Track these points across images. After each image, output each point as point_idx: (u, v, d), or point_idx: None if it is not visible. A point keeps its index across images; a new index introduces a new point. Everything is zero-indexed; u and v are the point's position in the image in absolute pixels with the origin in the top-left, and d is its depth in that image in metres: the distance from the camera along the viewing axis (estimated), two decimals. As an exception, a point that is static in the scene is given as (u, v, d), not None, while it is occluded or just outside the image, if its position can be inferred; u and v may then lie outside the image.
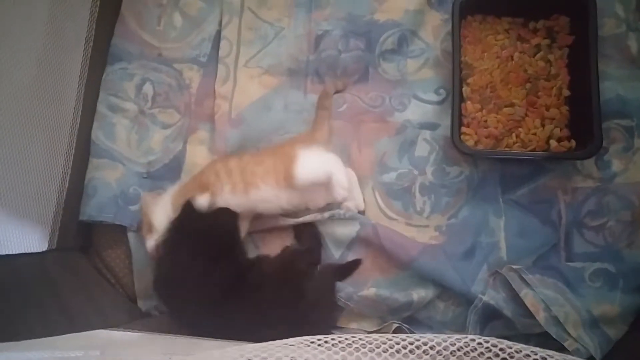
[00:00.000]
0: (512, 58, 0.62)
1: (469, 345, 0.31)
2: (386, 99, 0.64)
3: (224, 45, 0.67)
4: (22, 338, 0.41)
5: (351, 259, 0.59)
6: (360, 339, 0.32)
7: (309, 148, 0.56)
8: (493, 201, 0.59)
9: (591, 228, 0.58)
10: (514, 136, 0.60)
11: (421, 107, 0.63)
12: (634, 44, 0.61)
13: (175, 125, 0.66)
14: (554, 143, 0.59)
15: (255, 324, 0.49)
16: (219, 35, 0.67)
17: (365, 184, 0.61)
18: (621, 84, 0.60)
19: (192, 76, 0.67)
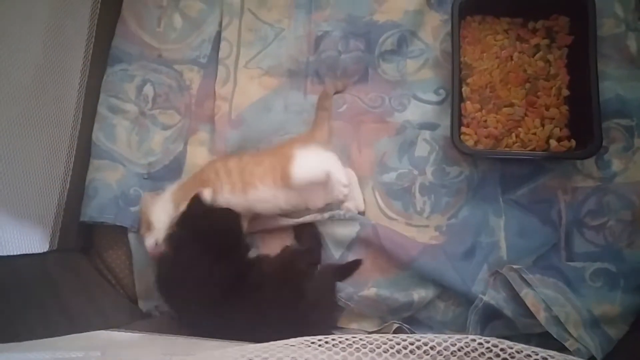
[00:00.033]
0: (512, 58, 0.62)
1: (470, 345, 0.31)
2: (386, 100, 0.64)
3: (224, 46, 0.67)
4: (23, 339, 0.42)
5: (351, 259, 0.59)
6: (360, 339, 0.32)
7: (306, 148, 0.56)
8: (493, 201, 0.59)
9: (591, 228, 0.58)
10: (513, 136, 0.60)
11: (421, 108, 0.63)
12: (633, 43, 0.61)
13: (175, 126, 0.66)
14: (553, 143, 0.59)
15: (256, 324, 0.49)
16: (219, 36, 0.67)
17: (365, 184, 0.61)
18: (621, 83, 0.60)
19: (193, 77, 0.67)
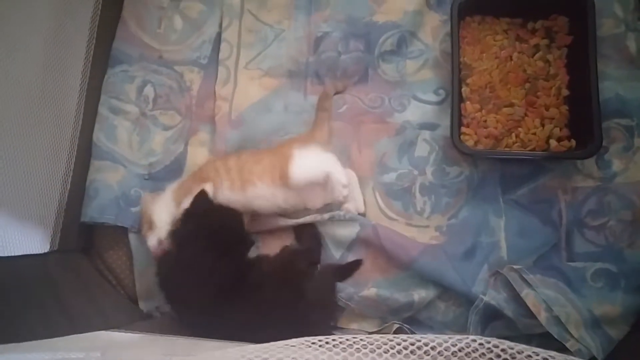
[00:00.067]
0: (511, 58, 0.62)
1: (471, 345, 0.31)
2: (386, 100, 0.64)
3: (224, 47, 0.67)
4: (23, 339, 0.42)
5: (352, 260, 0.59)
6: (361, 339, 0.32)
7: (305, 148, 0.56)
8: (493, 201, 0.59)
9: (592, 228, 0.58)
10: (513, 136, 0.60)
11: (421, 108, 0.63)
12: (633, 44, 0.61)
13: (176, 127, 0.66)
14: (553, 143, 0.59)
15: (256, 324, 0.49)
16: (219, 37, 0.68)
17: (366, 184, 0.61)
18: (620, 83, 0.60)
19: (193, 78, 0.67)
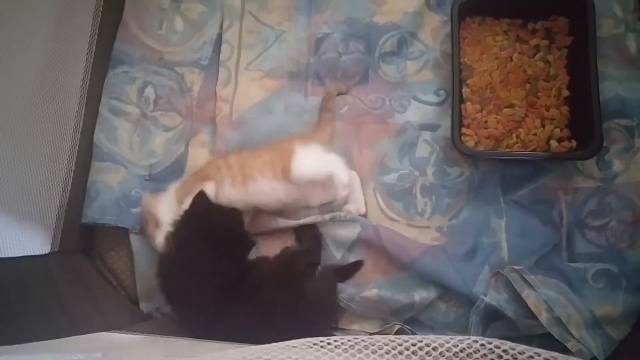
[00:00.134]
0: (511, 59, 0.62)
1: (472, 346, 0.31)
2: (386, 101, 0.64)
3: (225, 48, 0.67)
4: (24, 341, 0.42)
5: (353, 261, 0.59)
6: (362, 340, 0.32)
7: (307, 144, 0.56)
8: (494, 202, 0.59)
9: (593, 228, 0.58)
10: (514, 137, 0.60)
11: (421, 109, 0.63)
12: (633, 44, 0.61)
13: (177, 128, 0.66)
14: (554, 143, 0.59)
15: (257, 325, 0.49)
16: (220, 38, 0.68)
17: (367, 185, 0.61)
18: (621, 84, 0.60)
19: (194, 79, 0.68)
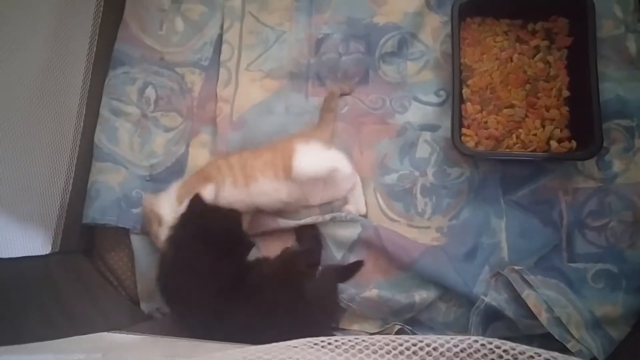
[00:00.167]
0: (512, 59, 0.62)
1: (473, 346, 0.31)
2: (387, 101, 0.64)
3: (225, 49, 0.67)
4: (25, 341, 0.42)
5: (353, 261, 0.59)
6: (363, 340, 0.32)
7: (307, 142, 0.56)
8: (494, 202, 0.60)
9: (593, 228, 0.58)
10: (514, 137, 0.60)
11: (421, 109, 0.63)
12: (633, 45, 0.61)
13: (177, 128, 0.67)
14: (554, 144, 0.59)
15: (257, 325, 0.49)
16: (220, 39, 0.68)
17: (367, 185, 0.61)
18: (621, 84, 0.60)
19: (194, 80, 0.68)
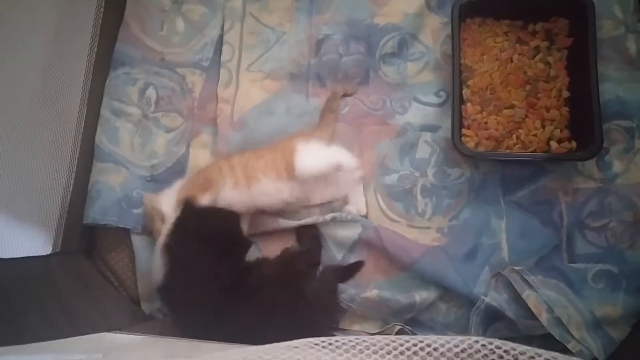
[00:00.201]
0: (512, 60, 0.62)
1: (473, 347, 0.31)
2: (387, 102, 0.64)
3: (226, 49, 0.67)
4: (25, 341, 0.42)
5: (353, 261, 0.59)
6: (364, 340, 0.32)
7: (308, 141, 0.56)
8: (494, 202, 0.60)
9: (593, 229, 0.58)
10: (514, 138, 0.60)
11: (422, 110, 0.64)
12: (633, 45, 0.61)
13: (178, 128, 0.67)
14: (554, 144, 0.59)
15: (257, 325, 0.49)
16: (221, 40, 0.68)
17: (367, 186, 0.62)
18: (621, 85, 0.60)
19: (195, 80, 0.68)
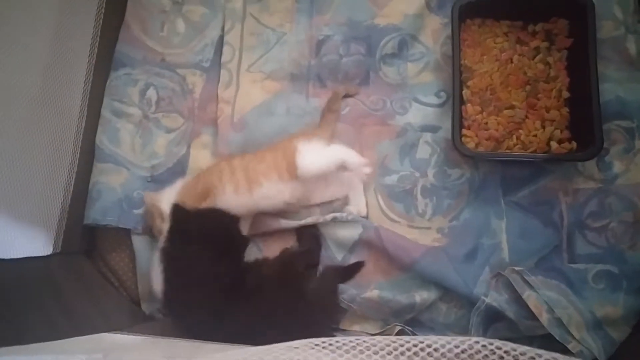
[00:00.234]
0: (512, 61, 0.62)
1: (474, 347, 0.31)
2: (387, 103, 0.64)
3: (226, 50, 0.67)
4: (26, 341, 0.42)
5: (354, 261, 0.59)
6: (364, 341, 0.32)
7: (308, 140, 0.56)
8: (494, 203, 0.60)
9: (593, 229, 0.58)
10: (514, 138, 0.60)
11: (422, 110, 0.64)
12: (633, 46, 0.61)
13: (178, 129, 0.67)
14: (554, 145, 0.59)
15: (257, 326, 0.49)
16: (221, 40, 0.68)
17: (368, 186, 0.62)
18: (621, 85, 0.60)
19: (195, 81, 0.68)
